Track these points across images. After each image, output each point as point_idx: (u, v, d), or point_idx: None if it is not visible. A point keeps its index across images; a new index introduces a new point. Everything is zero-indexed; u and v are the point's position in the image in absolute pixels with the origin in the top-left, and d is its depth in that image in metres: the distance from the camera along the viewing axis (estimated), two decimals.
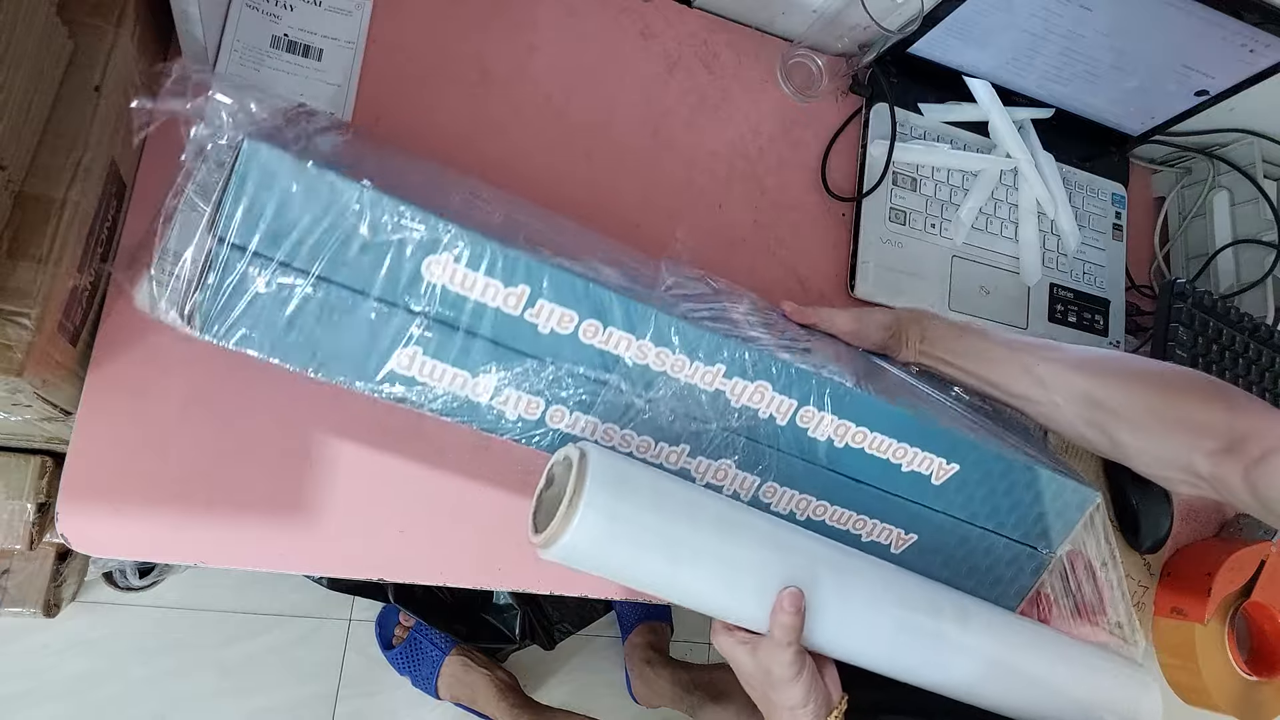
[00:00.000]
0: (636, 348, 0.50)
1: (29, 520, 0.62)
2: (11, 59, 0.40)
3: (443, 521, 0.60)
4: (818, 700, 0.51)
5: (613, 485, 0.45)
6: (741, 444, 0.53)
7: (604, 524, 0.45)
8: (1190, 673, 0.80)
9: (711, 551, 0.48)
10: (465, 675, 1.14)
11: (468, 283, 0.46)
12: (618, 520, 0.45)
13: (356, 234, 0.44)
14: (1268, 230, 0.86)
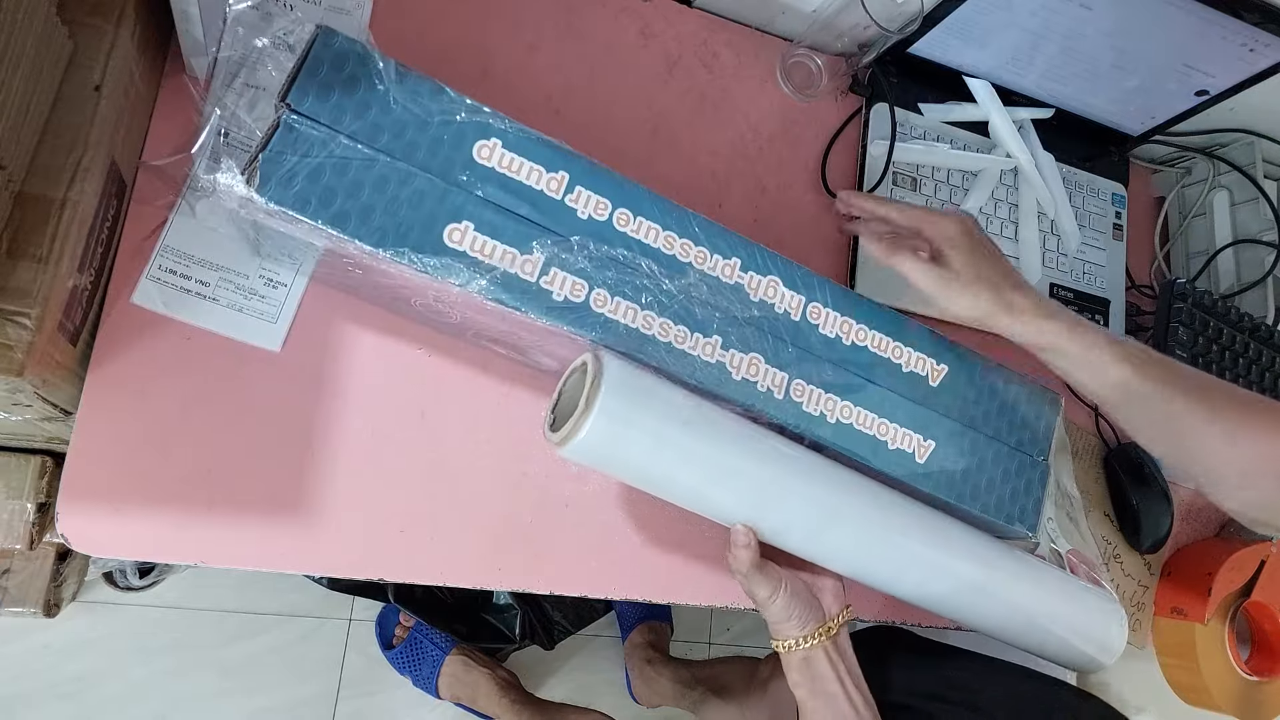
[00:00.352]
0: (664, 238, 0.54)
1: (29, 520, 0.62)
2: (11, 59, 0.40)
3: (443, 521, 0.60)
4: (801, 615, 0.55)
5: (624, 391, 0.49)
6: (767, 339, 0.56)
7: (614, 427, 0.48)
8: (1190, 672, 0.80)
9: (712, 459, 0.51)
10: (466, 674, 1.14)
11: (514, 166, 0.50)
12: (627, 424, 0.49)
13: (415, 116, 0.48)
14: (1268, 230, 0.86)
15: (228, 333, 0.56)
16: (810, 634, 0.55)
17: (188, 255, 0.56)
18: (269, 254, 0.56)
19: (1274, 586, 0.82)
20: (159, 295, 0.55)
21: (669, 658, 1.24)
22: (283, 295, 0.57)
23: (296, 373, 0.58)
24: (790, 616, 0.55)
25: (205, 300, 0.56)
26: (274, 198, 0.45)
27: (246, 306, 0.57)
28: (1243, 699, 0.81)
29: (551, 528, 0.63)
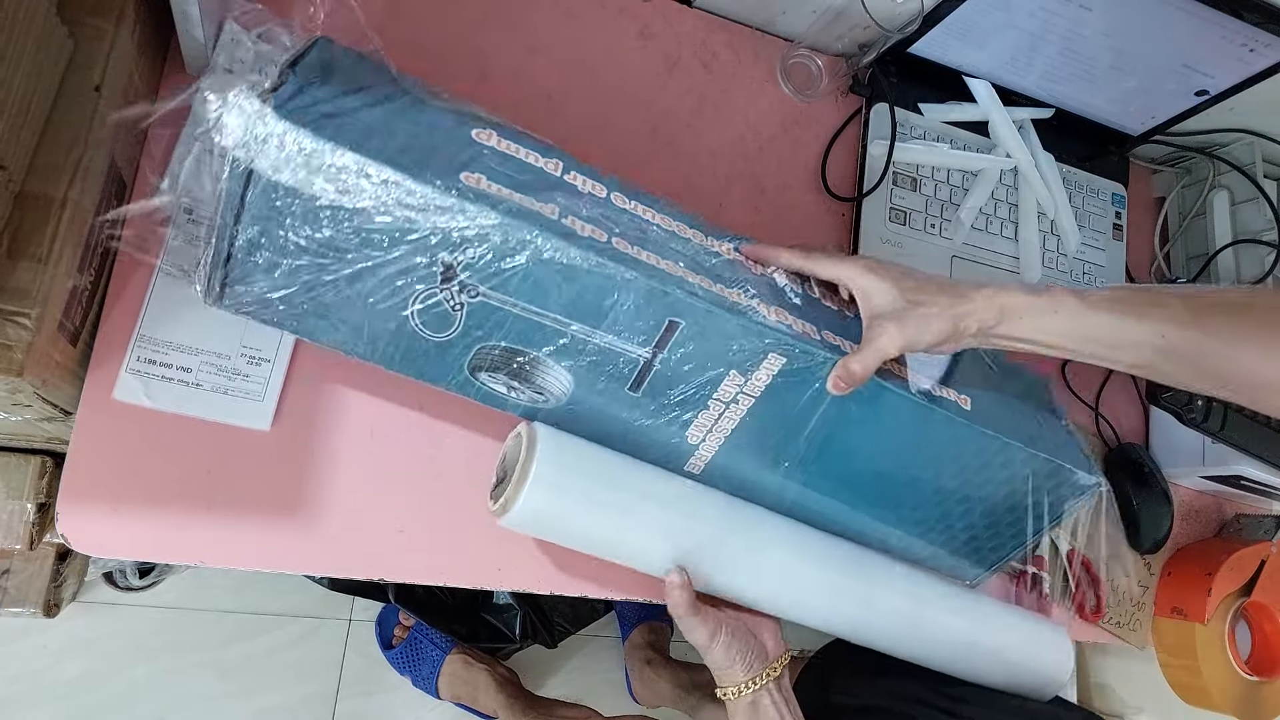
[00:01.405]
0: (660, 218, 0.55)
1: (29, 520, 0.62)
2: (11, 59, 0.40)
3: (443, 521, 0.60)
4: (744, 659, 0.56)
5: (556, 462, 0.51)
6: None
7: (548, 495, 0.51)
8: (1190, 672, 0.80)
9: (646, 519, 0.54)
10: (466, 673, 1.14)
11: (512, 149, 0.51)
12: (561, 491, 0.51)
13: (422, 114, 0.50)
14: (1268, 230, 0.86)
15: (215, 418, 0.55)
16: (755, 676, 0.55)
17: (165, 342, 0.54)
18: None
19: (1274, 586, 0.82)
20: (140, 387, 0.53)
21: (669, 659, 1.24)
22: (267, 371, 0.56)
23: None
24: (733, 661, 0.55)
25: (189, 387, 0.54)
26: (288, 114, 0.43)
27: (231, 388, 0.56)
28: (1243, 699, 0.81)
29: None
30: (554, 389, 0.53)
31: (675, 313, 0.50)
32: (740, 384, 0.53)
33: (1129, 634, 0.81)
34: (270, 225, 0.45)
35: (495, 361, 0.51)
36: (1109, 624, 0.80)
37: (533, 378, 0.52)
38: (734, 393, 0.54)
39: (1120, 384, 0.87)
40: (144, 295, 0.54)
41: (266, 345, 0.56)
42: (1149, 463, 0.83)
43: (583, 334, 0.50)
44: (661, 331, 0.51)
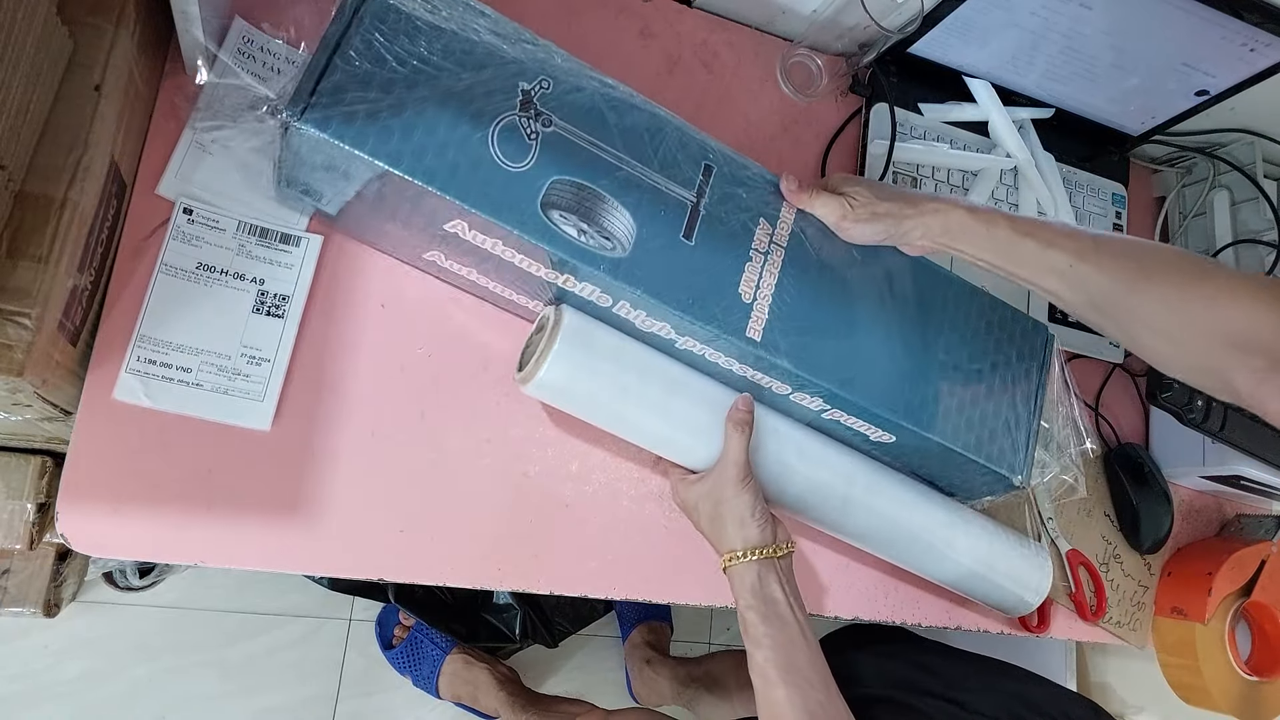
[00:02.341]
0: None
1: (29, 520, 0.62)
2: (11, 58, 0.40)
3: (443, 521, 0.60)
4: (763, 517, 0.56)
5: (580, 337, 0.56)
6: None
7: (569, 367, 0.55)
8: (1190, 672, 0.80)
9: (656, 398, 0.58)
10: (466, 672, 1.14)
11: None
12: (580, 365, 0.56)
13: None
14: (1268, 230, 0.86)
15: (215, 418, 0.55)
16: (768, 545, 0.55)
17: (165, 342, 0.54)
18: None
19: (1274, 586, 0.82)
20: (140, 388, 0.53)
21: (668, 657, 1.24)
22: (267, 371, 0.56)
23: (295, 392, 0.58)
24: (754, 512, 0.56)
25: (189, 387, 0.54)
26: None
27: (231, 388, 0.55)
28: (1243, 699, 0.81)
29: (551, 528, 0.63)
30: (619, 231, 0.55)
31: (707, 156, 0.58)
32: (770, 233, 0.59)
33: (1129, 634, 0.81)
34: (375, 35, 0.49)
35: (567, 199, 0.53)
36: (1109, 624, 0.80)
37: (600, 218, 0.54)
38: (766, 242, 0.59)
39: (1120, 384, 0.87)
40: (144, 295, 0.54)
41: (266, 345, 0.56)
42: (1149, 463, 0.83)
43: (639, 172, 0.56)
44: (700, 175, 0.58)
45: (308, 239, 0.58)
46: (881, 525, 0.64)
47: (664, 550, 0.66)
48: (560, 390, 0.57)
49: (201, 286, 0.55)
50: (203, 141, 0.57)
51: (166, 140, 0.57)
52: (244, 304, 0.56)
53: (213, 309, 0.55)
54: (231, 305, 0.56)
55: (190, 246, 0.55)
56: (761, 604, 0.54)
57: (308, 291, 0.58)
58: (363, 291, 0.60)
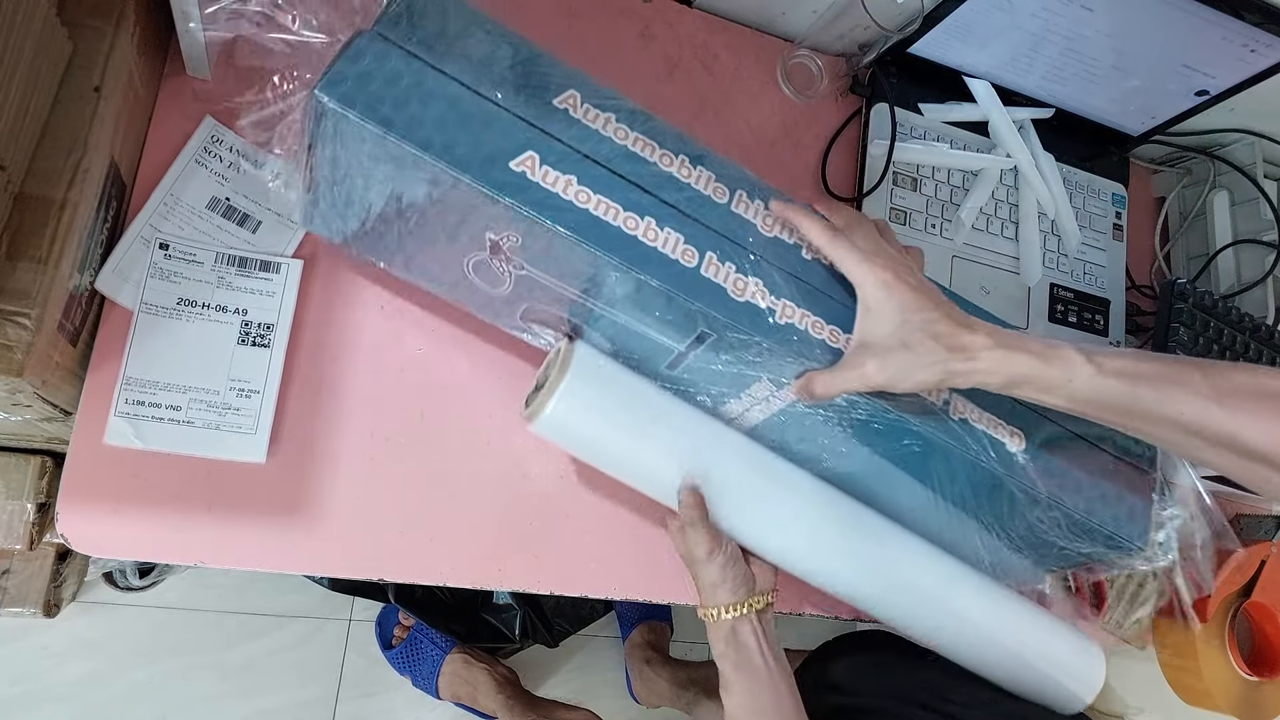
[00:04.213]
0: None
1: (29, 520, 0.63)
2: (10, 60, 0.40)
3: (443, 522, 0.60)
4: (735, 581, 0.56)
5: (592, 373, 0.54)
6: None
7: (579, 404, 0.53)
8: (1190, 673, 0.80)
9: (662, 441, 0.55)
10: (466, 672, 1.14)
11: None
12: (592, 403, 0.54)
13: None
14: (1268, 230, 0.86)
15: (208, 454, 0.54)
16: (741, 602, 0.55)
17: (152, 382, 0.54)
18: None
19: (1274, 587, 0.82)
20: (131, 430, 0.53)
21: (668, 658, 1.24)
22: (257, 404, 0.56)
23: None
24: (725, 580, 0.55)
25: (180, 425, 0.54)
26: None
27: (223, 423, 0.55)
28: (1243, 699, 0.81)
29: (552, 528, 0.63)
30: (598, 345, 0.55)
31: (707, 324, 0.50)
32: (771, 390, 0.53)
33: (1129, 634, 0.81)
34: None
35: (544, 318, 0.54)
36: (1109, 624, 0.80)
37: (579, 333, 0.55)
38: (766, 394, 0.54)
39: None
40: (126, 337, 0.53)
41: (255, 376, 0.56)
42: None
43: (621, 321, 0.52)
44: (694, 337, 0.52)
45: (288, 264, 0.58)
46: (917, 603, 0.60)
47: (664, 550, 0.66)
48: (569, 428, 0.54)
49: (184, 322, 0.55)
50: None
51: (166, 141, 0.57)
52: (229, 336, 0.56)
53: (198, 344, 0.55)
54: (216, 339, 0.55)
55: (169, 283, 0.55)
56: (734, 653, 0.55)
57: (292, 316, 0.57)
58: (358, 296, 0.60)
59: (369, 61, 0.45)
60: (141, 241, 0.55)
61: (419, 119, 0.45)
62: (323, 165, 0.48)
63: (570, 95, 0.50)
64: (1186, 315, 0.79)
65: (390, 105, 0.45)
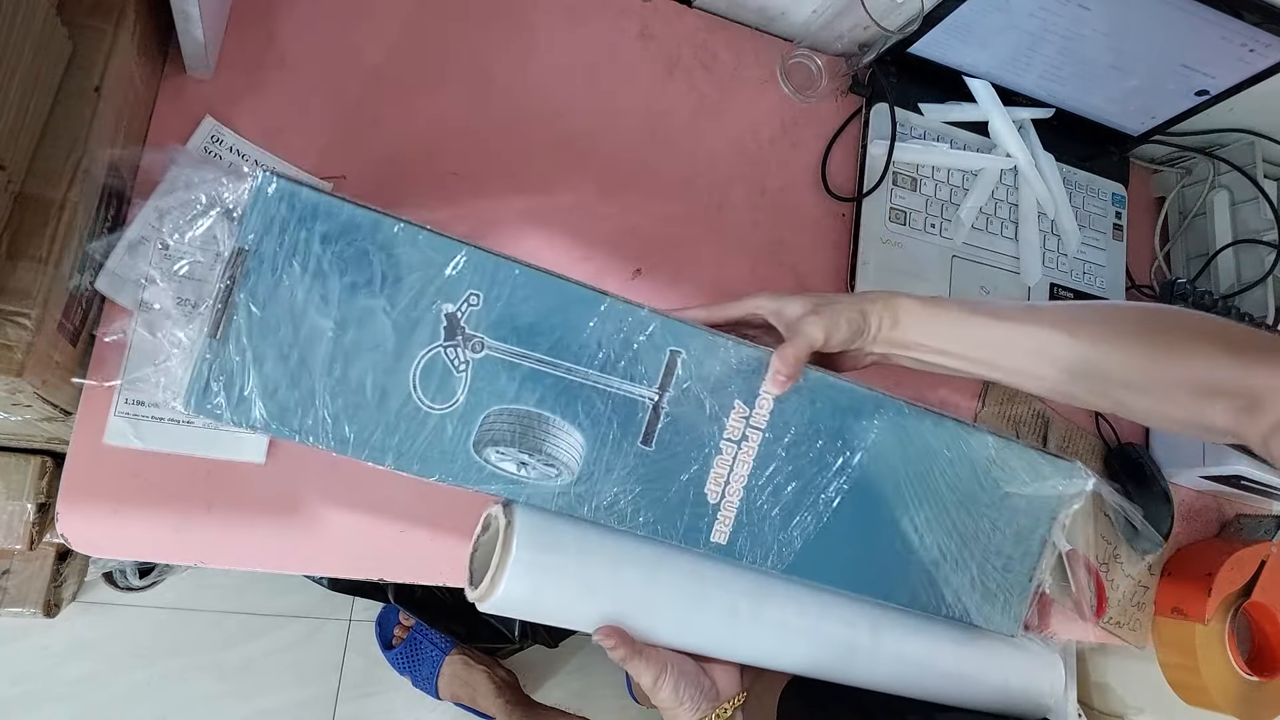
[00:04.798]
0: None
1: (29, 520, 0.63)
2: (10, 60, 0.40)
3: (443, 521, 0.60)
4: (693, 700, 0.53)
5: (537, 538, 0.49)
6: None
7: (531, 578, 0.49)
8: (1190, 672, 0.80)
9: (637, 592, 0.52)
10: (466, 673, 1.14)
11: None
12: (546, 571, 0.49)
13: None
14: (1268, 230, 0.86)
15: (208, 454, 0.54)
16: (704, 718, 0.53)
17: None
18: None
19: (1274, 586, 0.82)
20: (131, 430, 0.53)
21: None
22: None
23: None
24: (681, 701, 0.53)
25: (180, 425, 0.54)
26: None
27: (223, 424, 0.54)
28: (1243, 699, 0.81)
29: None
30: (565, 455, 0.50)
31: (672, 343, 0.51)
32: (746, 416, 0.53)
33: (1129, 634, 0.81)
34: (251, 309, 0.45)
35: (503, 432, 0.49)
36: (1109, 624, 0.80)
37: (543, 444, 0.49)
38: (742, 428, 0.53)
39: None
40: (127, 336, 0.53)
41: None
42: (1149, 463, 0.83)
43: (590, 379, 0.50)
44: (664, 367, 0.51)
45: None
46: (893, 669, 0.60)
47: None
48: (524, 602, 0.50)
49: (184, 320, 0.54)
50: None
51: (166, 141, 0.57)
52: None
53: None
54: None
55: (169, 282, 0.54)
56: None
57: None
58: None
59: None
60: (141, 242, 0.55)
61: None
62: None
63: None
64: None
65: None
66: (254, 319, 0.44)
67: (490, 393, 0.48)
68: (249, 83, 0.60)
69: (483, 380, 0.48)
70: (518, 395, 0.49)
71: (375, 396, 0.46)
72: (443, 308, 0.47)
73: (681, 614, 0.53)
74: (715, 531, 0.54)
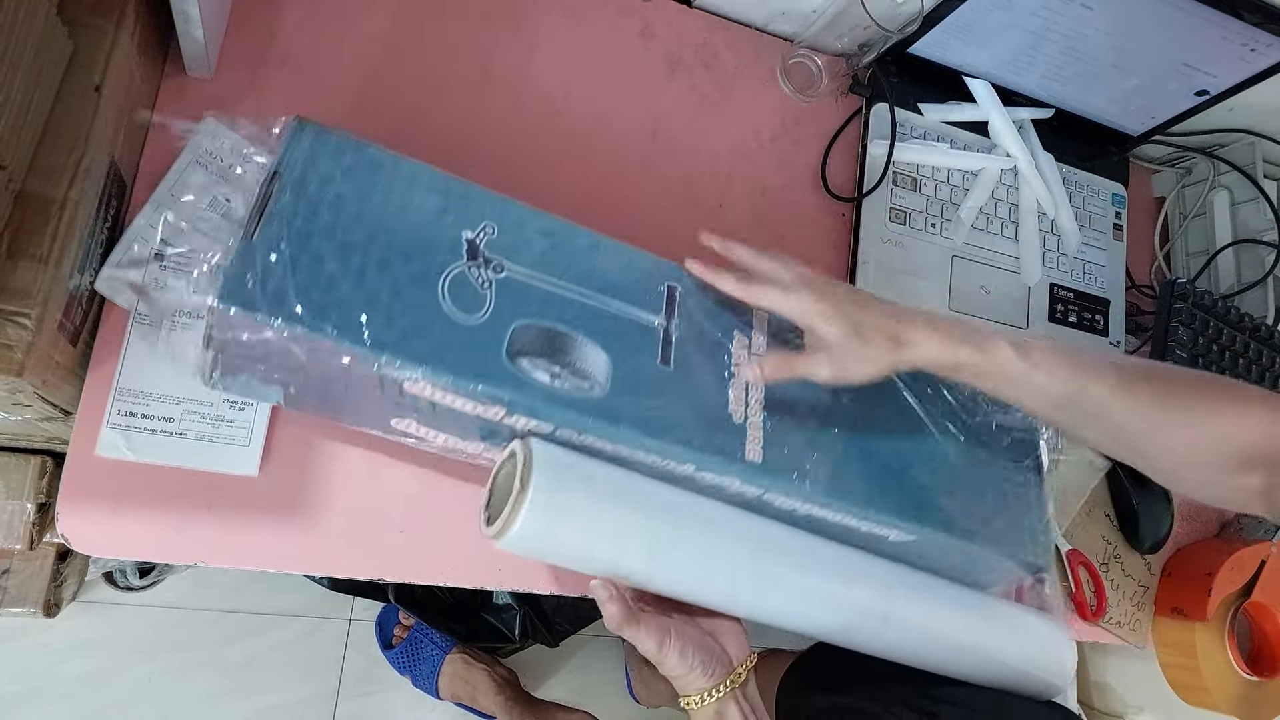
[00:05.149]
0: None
1: (29, 520, 0.63)
2: (11, 59, 0.40)
3: (443, 521, 0.60)
4: (704, 665, 0.52)
5: (556, 474, 0.49)
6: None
7: (549, 513, 0.48)
8: (1190, 672, 0.80)
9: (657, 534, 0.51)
10: (466, 672, 1.14)
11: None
12: (560, 512, 0.48)
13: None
14: (1268, 230, 0.86)
15: (201, 467, 0.54)
16: (718, 684, 0.52)
17: (145, 394, 0.53)
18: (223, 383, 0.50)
19: (1274, 586, 0.82)
20: (123, 442, 0.52)
21: None
22: (251, 416, 0.55)
23: None
24: (691, 668, 0.52)
25: (172, 437, 0.53)
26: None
27: (216, 435, 0.54)
28: (1243, 699, 0.81)
29: None
30: (593, 369, 0.51)
31: (668, 278, 0.55)
32: (747, 346, 0.56)
33: (1129, 634, 0.81)
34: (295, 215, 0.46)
35: (533, 343, 0.50)
36: (1109, 624, 0.80)
37: (572, 357, 0.50)
38: (746, 355, 0.56)
39: None
40: (120, 346, 0.53)
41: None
42: None
43: (602, 303, 0.52)
44: (665, 299, 0.54)
45: None
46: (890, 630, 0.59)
47: None
48: (540, 540, 0.49)
49: (179, 333, 0.54)
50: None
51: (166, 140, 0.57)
52: None
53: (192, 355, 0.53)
54: None
55: (164, 293, 0.54)
56: None
57: None
58: None
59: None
60: (141, 242, 0.54)
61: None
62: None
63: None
64: (1186, 315, 0.79)
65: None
66: (289, 226, 0.46)
67: (515, 309, 0.50)
68: (250, 82, 0.60)
69: (507, 298, 0.50)
70: (541, 313, 0.50)
71: (407, 303, 0.47)
72: (463, 233, 0.50)
73: (695, 561, 0.52)
74: (748, 451, 0.54)
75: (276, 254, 0.45)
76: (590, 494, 0.50)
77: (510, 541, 0.48)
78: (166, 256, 0.54)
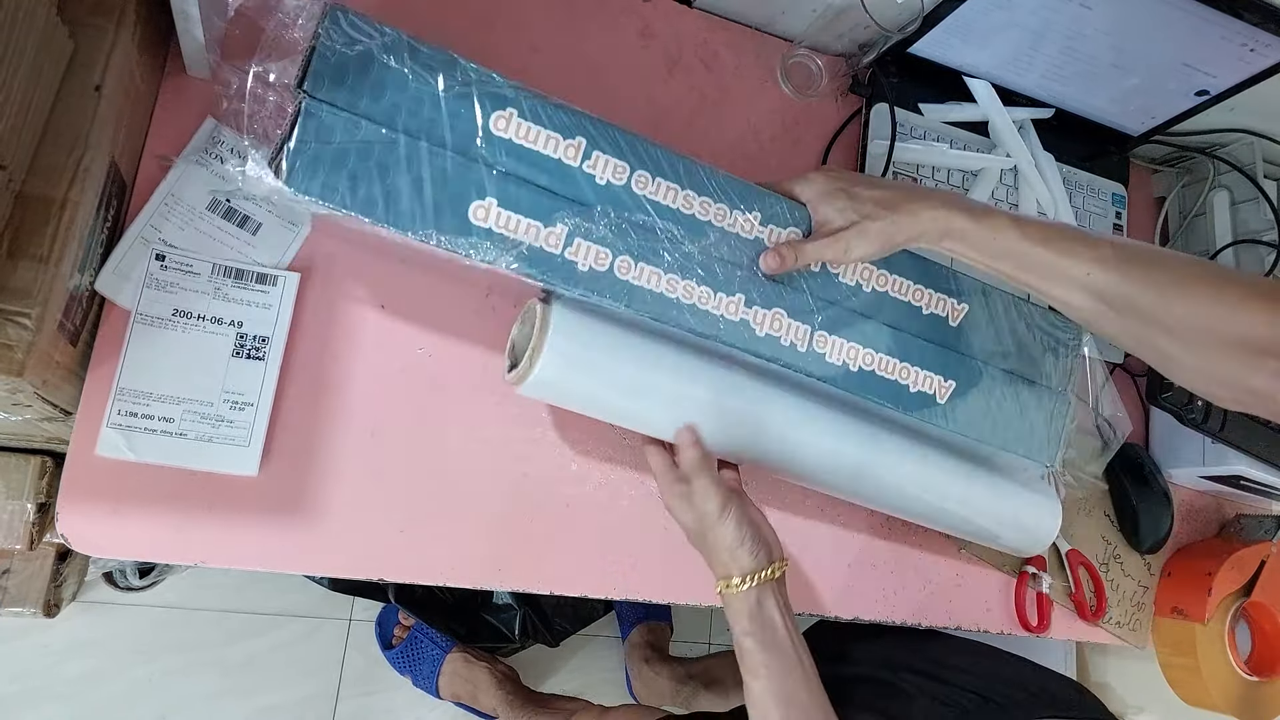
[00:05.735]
0: (683, 198, 0.56)
1: (29, 520, 0.63)
2: (12, 59, 0.40)
3: (443, 521, 0.60)
4: (754, 542, 0.53)
5: (572, 327, 0.53)
6: (789, 293, 0.58)
7: (564, 362, 0.52)
8: (1190, 672, 0.80)
9: (657, 387, 0.55)
10: (466, 671, 1.14)
11: (532, 136, 0.52)
12: (576, 359, 0.53)
13: (430, 91, 0.50)
14: (1268, 230, 0.86)
15: (201, 467, 0.54)
16: (763, 569, 0.52)
17: (145, 393, 0.53)
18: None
19: (1274, 586, 0.82)
20: (124, 442, 0.52)
21: (668, 657, 1.25)
22: (250, 416, 0.55)
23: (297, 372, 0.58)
24: (744, 540, 0.52)
25: (172, 437, 0.53)
26: (302, 188, 0.46)
27: (216, 435, 0.55)
28: (1243, 699, 0.81)
29: (551, 528, 0.63)
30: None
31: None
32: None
33: (1129, 634, 0.81)
34: None
35: None
36: (1109, 624, 0.80)
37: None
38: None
39: (1121, 385, 0.87)
40: (121, 347, 0.53)
41: (249, 389, 0.55)
42: (1149, 463, 0.83)
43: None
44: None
45: (284, 277, 0.57)
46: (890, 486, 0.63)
47: (664, 550, 0.66)
48: (556, 386, 0.54)
49: (179, 333, 0.54)
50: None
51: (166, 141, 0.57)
52: (223, 348, 0.55)
53: (192, 356, 0.54)
54: (211, 351, 0.55)
55: (165, 293, 0.54)
56: (760, 630, 0.51)
57: (288, 330, 0.57)
58: (359, 296, 0.60)
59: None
60: (141, 242, 0.55)
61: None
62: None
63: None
64: None
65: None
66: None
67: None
68: None
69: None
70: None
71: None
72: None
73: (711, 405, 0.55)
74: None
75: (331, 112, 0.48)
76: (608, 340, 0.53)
77: (532, 386, 0.52)
78: (167, 257, 0.54)
